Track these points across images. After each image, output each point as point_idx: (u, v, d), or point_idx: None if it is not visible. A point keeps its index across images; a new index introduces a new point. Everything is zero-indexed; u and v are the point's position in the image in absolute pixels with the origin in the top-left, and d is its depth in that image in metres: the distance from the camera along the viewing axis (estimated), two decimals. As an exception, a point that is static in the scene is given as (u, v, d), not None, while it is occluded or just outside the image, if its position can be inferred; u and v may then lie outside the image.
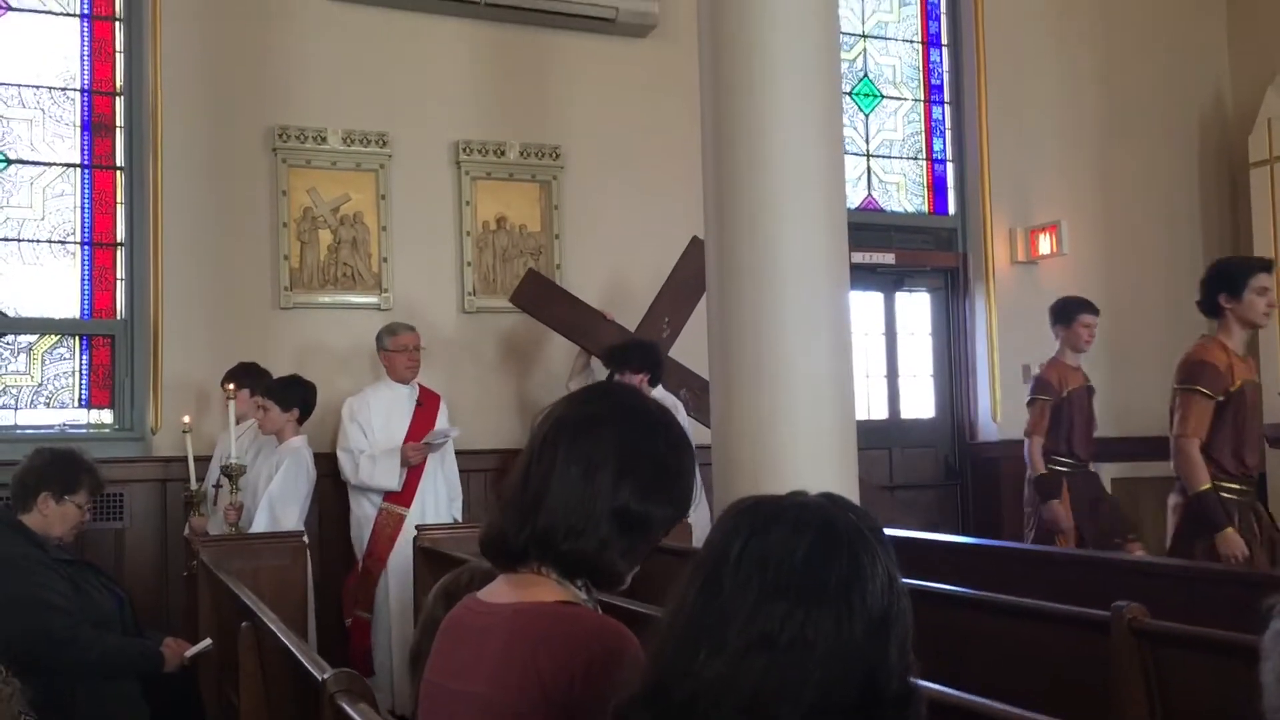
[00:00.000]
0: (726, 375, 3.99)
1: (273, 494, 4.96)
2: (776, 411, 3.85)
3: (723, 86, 4.09)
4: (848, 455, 3.96)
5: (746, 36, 4.03)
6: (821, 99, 4.08)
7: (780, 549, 1.24)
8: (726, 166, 4.06)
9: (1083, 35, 8.04)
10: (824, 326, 3.95)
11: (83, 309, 5.86)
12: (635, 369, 5.65)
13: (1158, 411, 7.92)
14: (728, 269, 4.00)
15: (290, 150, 6.06)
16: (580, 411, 1.70)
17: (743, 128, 4.04)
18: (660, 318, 6.06)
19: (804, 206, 3.97)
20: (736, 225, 3.98)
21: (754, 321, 3.93)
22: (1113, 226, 8.01)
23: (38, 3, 5.92)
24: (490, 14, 6.43)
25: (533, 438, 1.71)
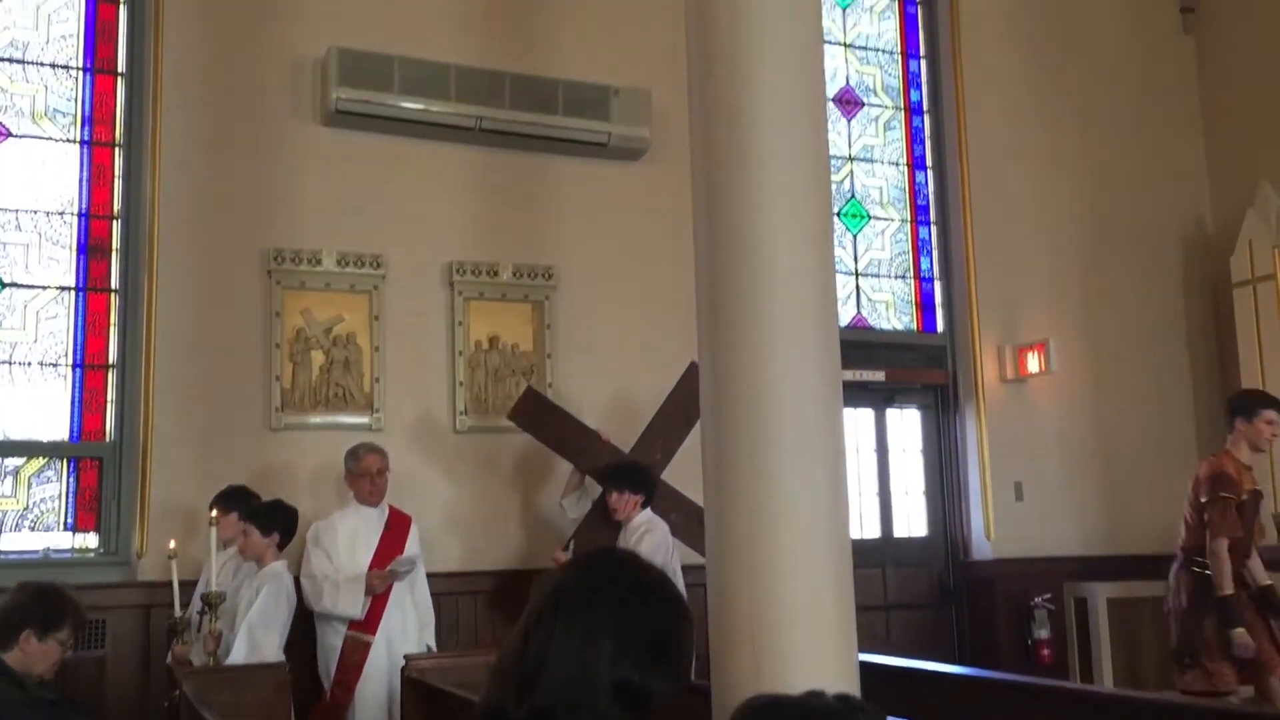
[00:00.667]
0: (720, 496, 3.97)
1: (252, 621, 4.85)
2: (771, 533, 3.82)
3: (715, 209, 4.14)
4: (843, 578, 3.91)
5: (738, 160, 4.10)
6: (813, 221, 4.12)
7: None
8: (719, 288, 4.09)
9: (1065, 159, 8.22)
10: (818, 446, 3.94)
11: (72, 431, 5.83)
12: (630, 489, 5.65)
13: (1150, 530, 7.96)
14: (721, 388, 4.01)
15: (285, 272, 6.11)
16: (579, 581, 1.68)
17: (735, 249, 4.09)
18: (655, 441, 6.06)
19: (797, 326, 3.99)
20: (730, 346, 4.00)
21: (749, 441, 3.92)
22: (1100, 346, 8.09)
23: (38, 129, 6.01)
24: (484, 139, 6.55)
25: (530, 607, 1.69)
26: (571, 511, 6.06)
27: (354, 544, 5.44)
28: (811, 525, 3.86)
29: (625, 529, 5.70)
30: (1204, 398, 8.38)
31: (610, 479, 5.75)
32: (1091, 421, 8.03)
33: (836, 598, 3.80)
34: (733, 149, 4.12)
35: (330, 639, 5.36)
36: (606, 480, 5.77)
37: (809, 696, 1.26)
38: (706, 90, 4.23)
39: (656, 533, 5.65)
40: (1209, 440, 8.30)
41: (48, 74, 6.07)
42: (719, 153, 4.16)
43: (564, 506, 6.10)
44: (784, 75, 4.14)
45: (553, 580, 1.71)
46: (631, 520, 5.69)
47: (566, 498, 6.09)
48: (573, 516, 6.06)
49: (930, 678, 4.94)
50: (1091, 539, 7.85)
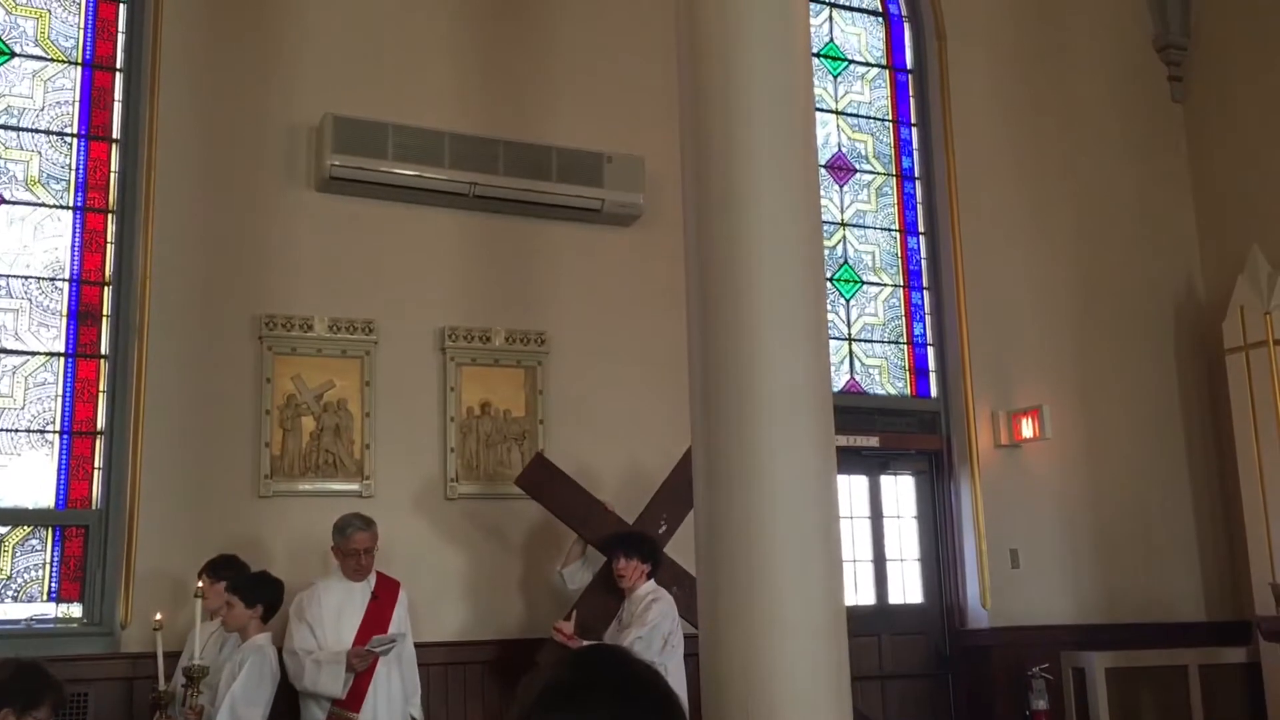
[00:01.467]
0: (712, 565, 3.93)
1: (235, 695, 4.75)
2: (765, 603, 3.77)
3: (708, 277, 4.15)
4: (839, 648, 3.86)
5: (732, 228, 4.11)
6: (806, 287, 4.13)
7: None
8: (712, 356, 4.08)
9: (1057, 225, 8.27)
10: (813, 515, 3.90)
11: (58, 499, 5.76)
12: (640, 558, 5.61)
13: (1146, 598, 7.90)
14: (714, 456, 3.98)
15: (276, 338, 6.09)
16: (568, 679, 1.63)
17: (728, 317, 4.08)
18: (658, 515, 6.03)
19: (791, 395, 3.98)
20: (723, 414, 3.98)
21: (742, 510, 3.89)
22: (1094, 411, 8.08)
23: (31, 195, 6.01)
24: (478, 205, 6.57)
25: (518, 706, 1.63)
26: (572, 583, 5.98)
27: (339, 616, 5.33)
28: (806, 595, 3.82)
29: (630, 598, 5.63)
30: (1198, 462, 8.36)
31: (619, 545, 5.69)
32: (1087, 487, 7.99)
33: (832, 668, 3.75)
34: (726, 216, 4.13)
35: (314, 714, 5.24)
36: (615, 547, 5.71)
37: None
38: (699, 158, 4.25)
39: (663, 601, 5.59)
40: (1204, 505, 8.29)
41: (42, 140, 6.08)
42: (712, 220, 4.17)
43: (563, 577, 6.01)
44: (777, 143, 4.17)
45: (541, 678, 1.66)
46: (637, 589, 5.62)
47: (567, 568, 6.00)
48: (573, 588, 5.97)
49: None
50: (1088, 607, 7.78)
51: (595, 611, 5.74)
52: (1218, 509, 8.30)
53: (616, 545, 5.71)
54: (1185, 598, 8.10)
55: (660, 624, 5.48)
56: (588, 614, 5.70)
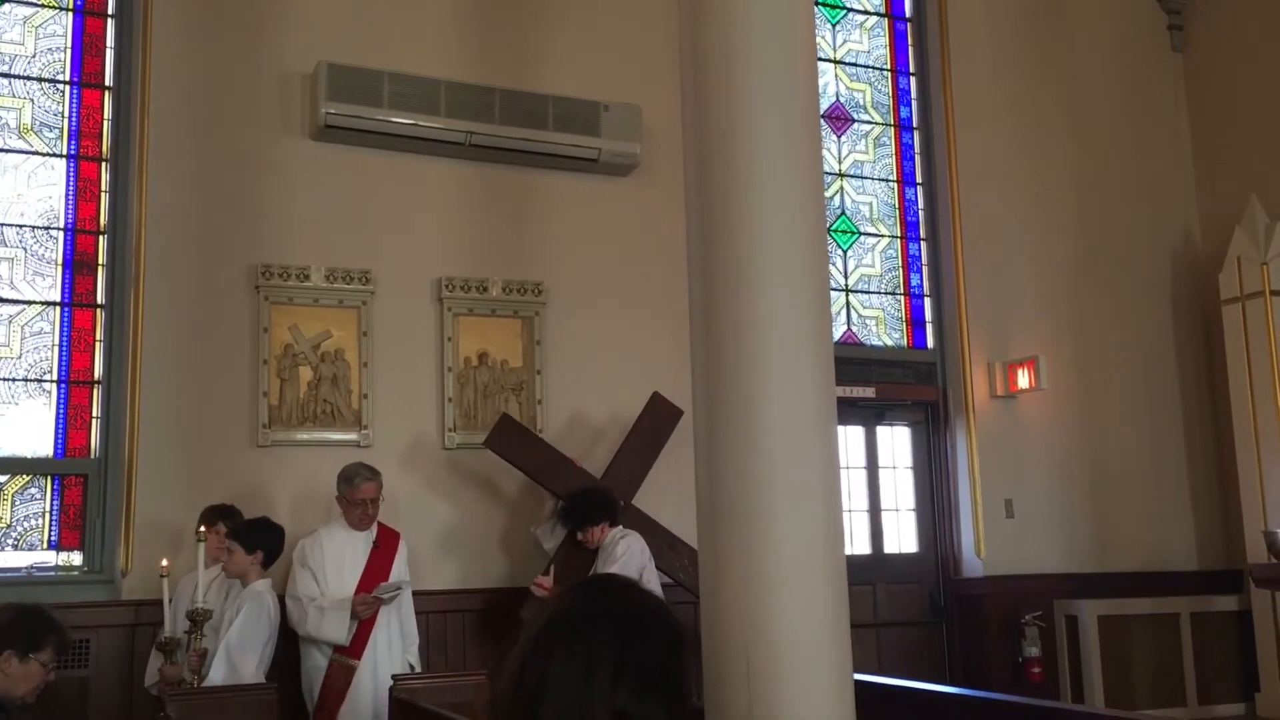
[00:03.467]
0: (714, 515, 3.94)
1: (230, 642, 4.76)
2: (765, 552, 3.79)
3: (708, 226, 4.12)
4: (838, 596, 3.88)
5: (732, 177, 4.08)
6: (807, 236, 4.11)
7: None
8: (713, 305, 4.07)
9: (1055, 176, 8.24)
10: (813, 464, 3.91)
11: (57, 448, 5.77)
12: (593, 522, 5.71)
13: (1140, 547, 7.97)
14: (715, 404, 3.98)
15: (273, 288, 6.07)
16: (575, 609, 1.65)
17: (729, 266, 4.07)
18: (624, 469, 6.14)
19: (792, 343, 3.97)
20: (724, 363, 3.98)
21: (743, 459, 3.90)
22: (1089, 362, 8.10)
23: (25, 144, 5.96)
24: (474, 154, 6.53)
25: (525, 637, 1.65)
26: (546, 541, 6.02)
27: (341, 564, 5.36)
28: (806, 544, 3.83)
29: (602, 549, 5.76)
30: (1193, 413, 8.40)
31: (574, 521, 5.78)
32: (1081, 437, 8.03)
33: (831, 617, 3.77)
34: (726, 165, 4.10)
35: (315, 660, 5.29)
36: (571, 523, 5.81)
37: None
38: (699, 106, 4.22)
39: (631, 538, 5.73)
40: (1199, 455, 8.33)
41: (34, 88, 6.03)
42: (712, 169, 4.14)
43: (538, 536, 6.06)
44: (778, 90, 4.13)
45: (548, 609, 1.67)
46: (604, 540, 5.74)
47: (540, 527, 6.05)
48: (548, 546, 6.02)
49: (922, 698, 4.91)
50: (1081, 556, 7.85)
51: (573, 564, 5.81)
52: (1211, 459, 8.34)
53: (569, 520, 5.80)
54: (1178, 547, 8.17)
55: (630, 558, 5.58)
56: (566, 566, 5.77)
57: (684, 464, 4.21)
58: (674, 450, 6.11)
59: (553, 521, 6.01)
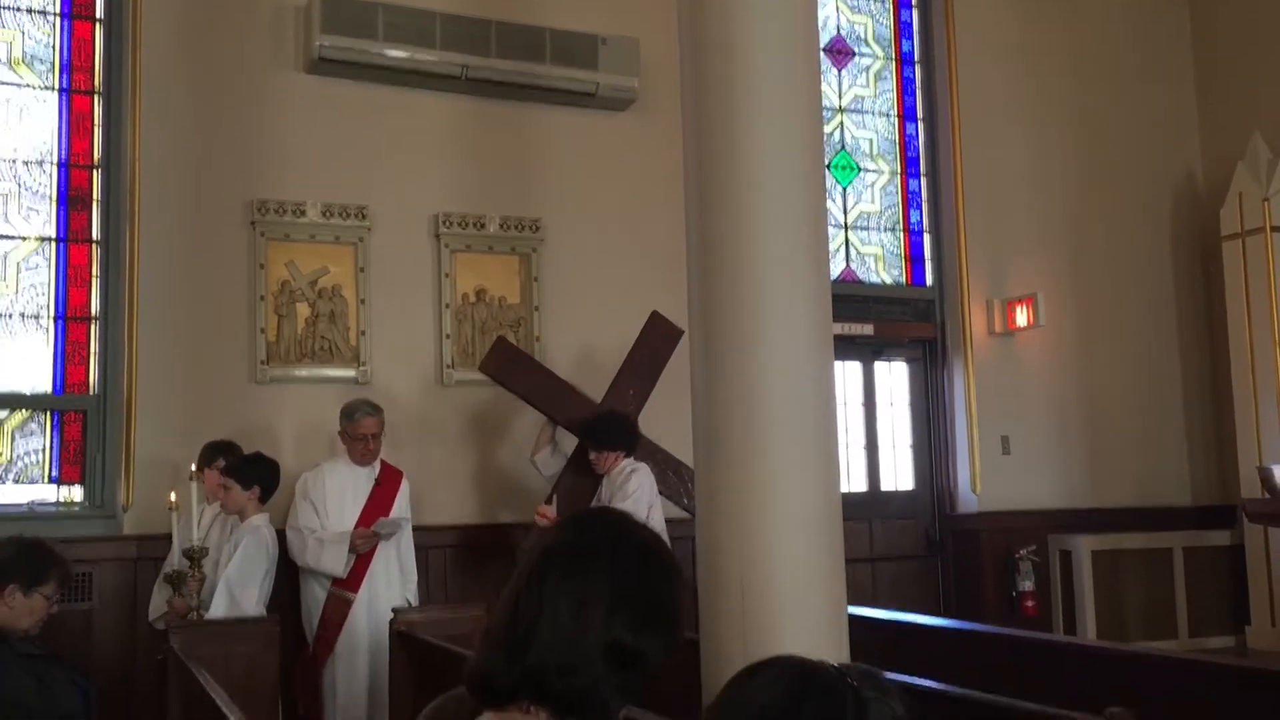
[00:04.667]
0: (710, 448, 3.95)
1: (230, 576, 4.81)
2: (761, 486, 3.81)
3: (705, 159, 4.09)
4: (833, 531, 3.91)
5: (730, 111, 4.05)
6: (805, 172, 4.09)
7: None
8: (710, 240, 4.05)
9: (1057, 111, 8.16)
10: (809, 399, 3.92)
11: (55, 384, 5.78)
12: (611, 447, 5.62)
13: (1134, 483, 8.02)
14: (712, 341, 3.98)
15: (269, 224, 6.03)
16: (570, 542, 1.65)
17: (726, 200, 4.04)
18: (625, 390, 6.02)
19: (789, 279, 3.96)
20: (721, 298, 3.97)
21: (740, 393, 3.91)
22: (1088, 299, 8.08)
23: (16, 77, 5.89)
24: (471, 88, 6.46)
25: (520, 569, 1.66)
26: (545, 470, 5.97)
27: (343, 499, 5.40)
28: (802, 479, 3.85)
29: (608, 478, 5.68)
30: (1191, 350, 8.41)
31: (591, 439, 5.68)
32: (1078, 375, 8.04)
33: (826, 551, 3.80)
34: (724, 100, 4.06)
35: (315, 592, 5.36)
36: (587, 439, 5.72)
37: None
38: (697, 40, 4.16)
39: (641, 471, 5.66)
40: (1195, 392, 8.36)
41: (25, 19, 5.94)
42: (710, 104, 4.10)
43: (536, 464, 6.00)
44: (777, 23, 4.08)
45: (543, 541, 1.68)
46: (614, 469, 5.68)
47: (538, 454, 5.99)
48: (546, 475, 5.97)
49: (916, 631, 4.98)
50: (1076, 492, 7.90)
51: (575, 492, 5.77)
52: (1207, 395, 8.37)
53: (588, 437, 5.71)
54: (1173, 483, 8.22)
55: (641, 494, 5.55)
56: (568, 496, 5.74)
57: (684, 389, 4.21)
58: (675, 377, 6.07)
59: (551, 447, 5.99)
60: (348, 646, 5.25)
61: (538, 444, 6.02)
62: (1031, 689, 3.34)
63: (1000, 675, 3.76)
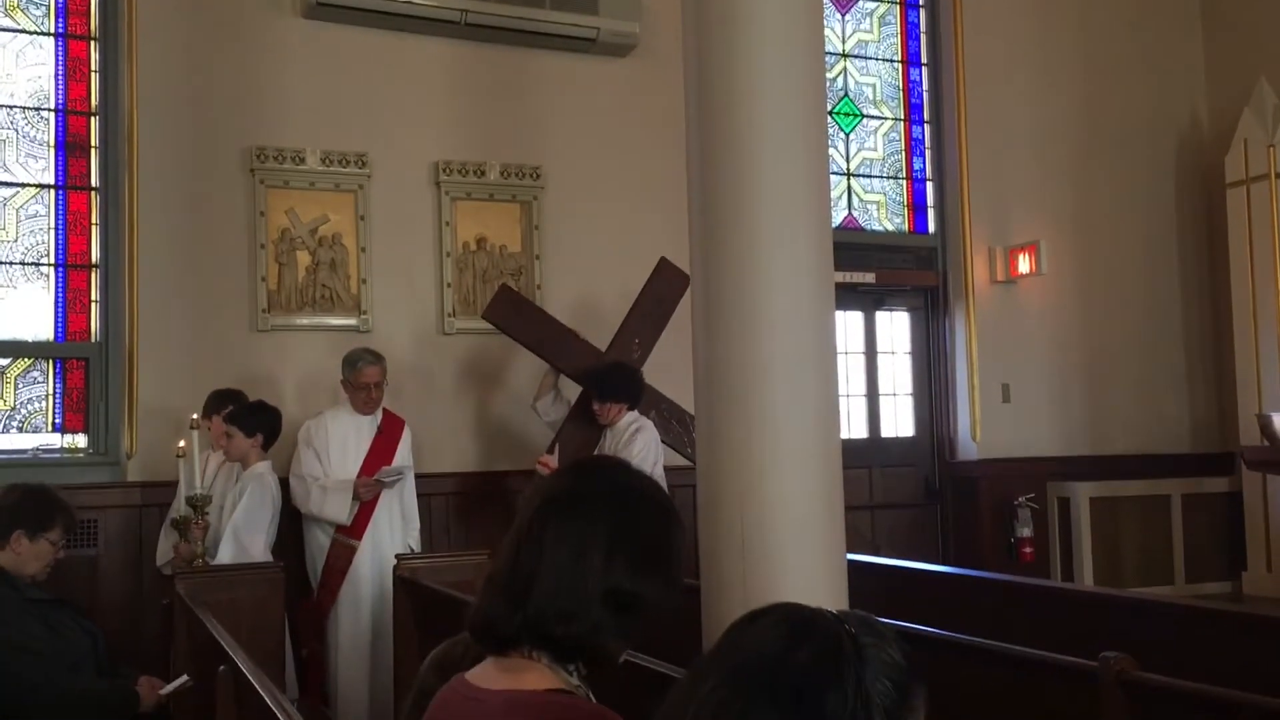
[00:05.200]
0: (711, 395, 3.96)
1: (237, 523, 4.85)
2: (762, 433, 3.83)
3: (707, 105, 4.06)
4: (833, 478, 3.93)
5: (732, 55, 4.01)
6: (807, 117, 4.05)
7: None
8: (711, 187, 4.03)
9: (1062, 56, 8.08)
10: (810, 347, 3.92)
11: (57, 332, 5.78)
12: (615, 398, 5.60)
13: (1134, 430, 8.04)
14: (713, 288, 3.97)
15: (268, 171, 6.00)
16: (569, 490, 1.67)
17: (728, 146, 4.01)
18: (631, 338, 5.97)
19: (790, 226, 3.94)
20: (722, 245, 3.95)
21: (740, 341, 3.91)
22: (1091, 247, 8.06)
23: (11, 21, 5.84)
24: (470, 34, 6.40)
25: (520, 517, 1.68)
26: (547, 416, 5.96)
27: (345, 447, 5.42)
28: (802, 426, 3.87)
29: (611, 430, 5.66)
30: (1193, 298, 8.40)
31: (595, 388, 5.65)
32: (1080, 323, 8.04)
33: (826, 498, 3.82)
34: (725, 44, 4.02)
35: (318, 539, 5.40)
36: (591, 390, 5.70)
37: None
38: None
39: (646, 431, 5.61)
40: (1196, 340, 8.36)
41: (18, -37, 5.88)
42: (711, 48, 4.06)
43: (538, 410, 5.98)
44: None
45: (542, 490, 1.69)
46: (618, 422, 5.68)
47: (540, 400, 5.97)
48: (548, 420, 5.96)
49: (915, 576, 5.02)
50: (1075, 439, 7.93)
51: (577, 442, 5.75)
52: (1209, 343, 8.37)
53: (593, 387, 5.67)
54: (1172, 431, 8.25)
55: (645, 455, 5.53)
56: (570, 446, 5.73)
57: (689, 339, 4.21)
58: (681, 327, 6.07)
59: (554, 394, 5.98)
60: (351, 592, 5.31)
61: (540, 390, 6.01)
62: (1029, 635, 3.38)
63: (998, 621, 3.80)
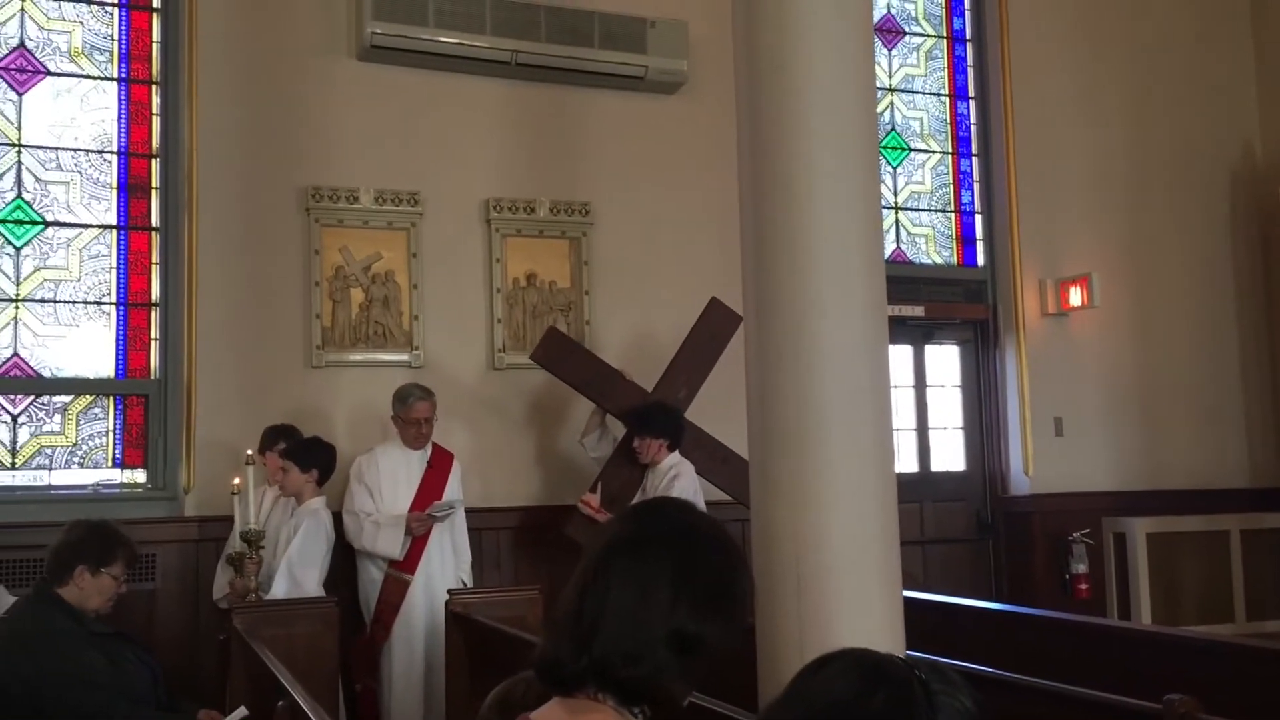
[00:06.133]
0: (764, 433, 3.96)
1: (291, 558, 4.90)
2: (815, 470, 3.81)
3: (759, 143, 4.08)
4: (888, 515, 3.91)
5: (782, 93, 4.03)
6: (858, 152, 4.06)
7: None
8: (764, 222, 4.04)
9: (1111, 86, 8.04)
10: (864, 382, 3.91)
11: (117, 369, 5.90)
12: (656, 435, 5.64)
13: (1191, 465, 7.92)
14: (766, 324, 3.98)
15: (323, 210, 6.11)
16: (633, 532, 1.68)
17: (779, 183, 4.03)
18: (678, 379, 6.04)
19: (843, 261, 3.94)
20: (775, 281, 3.96)
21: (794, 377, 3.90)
22: (1144, 279, 7.98)
23: (75, 67, 6.00)
24: (520, 73, 6.49)
25: (586, 559, 1.69)
26: (593, 451, 6.03)
27: (396, 482, 5.49)
28: (857, 462, 3.85)
29: (653, 471, 5.71)
30: (1249, 331, 8.27)
31: (637, 426, 5.72)
32: (1134, 355, 7.95)
33: (882, 535, 3.80)
34: (776, 81, 4.04)
35: (372, 574, 5.45)
36: (635, 426, 5.75)
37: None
38: (749, 21, 4.15)
39: (685, 477, 5.64)
40: (1253, 372, 8.23)
41: (84, 10, 6.04)
42: (762, 85, 4.09)
43: (584, 446, 6.06)
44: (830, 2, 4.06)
45: (607, 532, 1.71)
46: (659, 464, 5.69)
47: (587, 437, 6.05)
48: (594, 456, 6.03)
49: (968, 613, 4.97)
50: (1131, 474, 7.82)
51: (619, 482, 5.80)
52: (1266, 376, 8.24)
53: (634, 424, 5.74)
54: (1230, 465, 8.11)
55: (686, 497, 5.52)
56: (612, 485, 5.78)
57: (736, 378, 4.22)
58: (725, 366, 6.10)
59: (599, 431, 6.04)
60: (405, 627, 5.34)
61: (587, 428, 6.09)
62: (1085, 674, 3.33)
63: (1054, 661, 3.75)
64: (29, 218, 5.83)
